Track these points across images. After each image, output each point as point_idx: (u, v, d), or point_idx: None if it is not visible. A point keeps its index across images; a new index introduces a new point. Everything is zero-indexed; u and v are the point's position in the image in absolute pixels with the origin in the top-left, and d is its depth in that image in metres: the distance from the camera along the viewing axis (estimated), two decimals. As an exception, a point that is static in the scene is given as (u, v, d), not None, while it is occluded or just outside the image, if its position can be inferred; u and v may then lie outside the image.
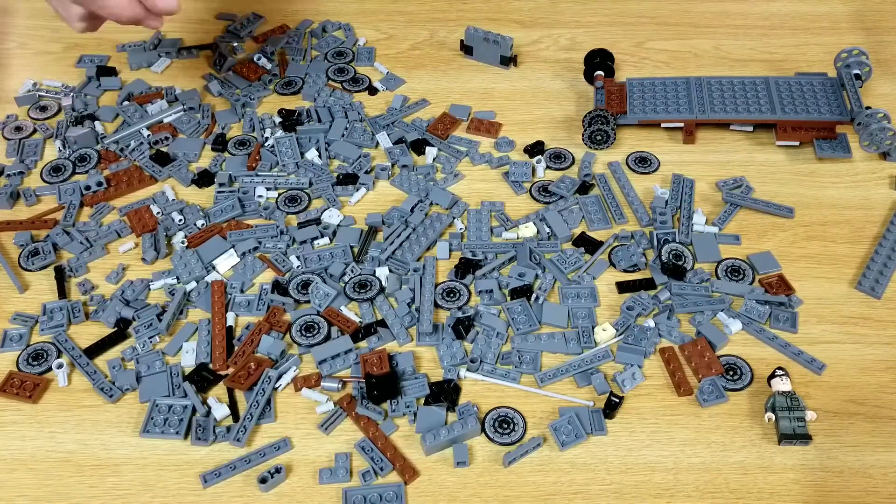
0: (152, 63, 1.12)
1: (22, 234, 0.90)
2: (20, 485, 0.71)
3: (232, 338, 0.80)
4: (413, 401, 0.75)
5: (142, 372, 0.77)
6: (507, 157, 0.98)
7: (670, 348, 0.79)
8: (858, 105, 0.95)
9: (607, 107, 1.00)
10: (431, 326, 0.79)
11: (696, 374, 0.76)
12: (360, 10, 1.21)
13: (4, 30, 1.19)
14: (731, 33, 1.16)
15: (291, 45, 1.14)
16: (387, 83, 1.09)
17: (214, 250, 0.87)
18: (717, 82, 1.02)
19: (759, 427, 0.73)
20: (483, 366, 0.77)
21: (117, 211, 0.93)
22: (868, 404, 0.75)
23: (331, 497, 0.70)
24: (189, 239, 0.89)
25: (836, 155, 0.96)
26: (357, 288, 0.83)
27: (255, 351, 0.79)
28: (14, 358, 0.80)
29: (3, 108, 1.07)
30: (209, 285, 0.84)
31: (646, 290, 0.83)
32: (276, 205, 0.92)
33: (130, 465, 0.72)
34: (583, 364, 0.77)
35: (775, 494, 0.69)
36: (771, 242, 0.88)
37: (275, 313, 0.82)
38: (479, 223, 0.90)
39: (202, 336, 0.80)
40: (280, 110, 1.02)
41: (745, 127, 1.00)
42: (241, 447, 0.72)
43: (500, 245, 0.87)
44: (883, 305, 0.82)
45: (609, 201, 0.92)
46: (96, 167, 0.98)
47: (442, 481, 0.70)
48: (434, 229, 0.89)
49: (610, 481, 0.70)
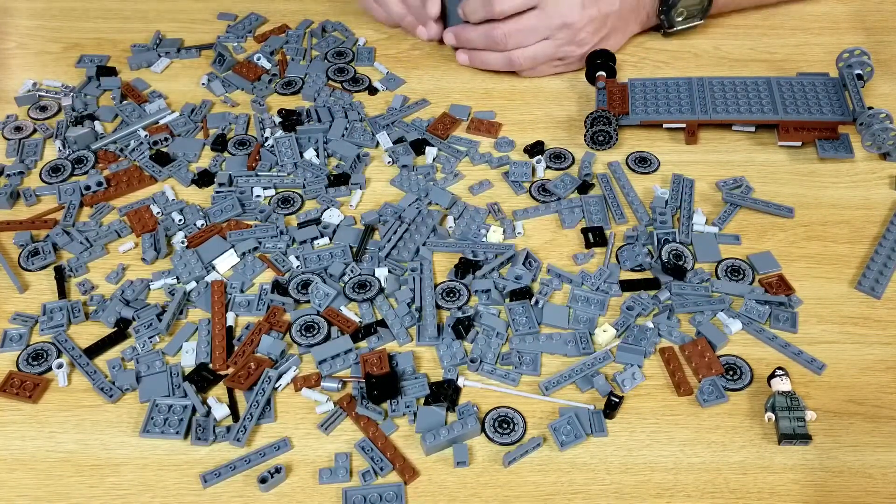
0: (152, 63, 1.12)
1: (22, 234, 0.90)
2: (20, 485, 0.71)
3: (232, 337, 0.80)
4: (413, 401, 0.75)
5: (141, 372, 0.77)
6: (506, 157, 0.98)
7: (670, 348, 0.79)
8: (860, 105, 0.95)
9: (609, 107, 1.00)
10: (436, 330, 0.79)
11: (696, 374, 0.76)
12: (360, 9, 1.21)
13: (4, 30, 1.19)
14: (731, 33, 1.16)
15: (291, 46, 1.14)
16: (387, 83, 1.09)
17: (214, 250, 0.87)
18: (720, 83, 1.02)
19: (759, 427, 0.73)
20: (483, 366, 0.77)
21: (117, 211, 0.93)
22: (868, 404, 0.75)
23: (331, 497, 0.70)
24: (189, 239, 0.89)
25: (839, 155, 0.96)
26: (356, 288, 0.83)
27: (254, 351, 0.79)
28: (14, 358, 0.80)
29: (2, 108, 1.07)
30: (209, 285, 0.84)
31: (649, 290, 0.83)
32: (270, 206, 0.92)
33: (130, 465, 0.72)
34: (584, 368, 0.77)
35: (775, 494, 0.69)
36: (771, 242, 0.88)
37: (275, 313, 0.82)
38: (472, 222, 0.90)
39: (202, 336, 0.80)
40: (280, 110, 1.02)
41: (747, 127, 1.00)
42: (240, 447, 0.72)
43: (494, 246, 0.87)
44: (883, 305, 0.82)
45: (611, 201, 0.92)
46: (94, 167, 0.97)
47: (442, 481, 0.70)
48: (427, 225, 0.89)
49: (610, 481, 0.70)
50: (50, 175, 0.96)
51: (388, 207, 0.91)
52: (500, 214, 0.91)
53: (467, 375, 0.77)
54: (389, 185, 0.95)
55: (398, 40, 1.16)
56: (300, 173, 0.96)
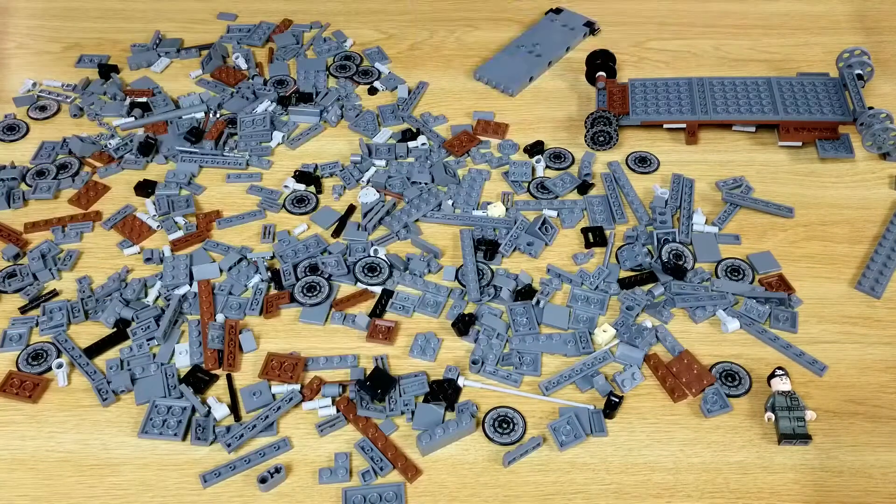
0: (152, 63, 1.12)
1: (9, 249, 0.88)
2: (20, 485, 0.71)
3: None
4: (412, 399, 0.75)
5: (136, 374, 0.77)
6: (506, 157, 0.98)
7: (655, 355, 0.78)
8: (861, 105, 0.95)
9: (609, 108, 1.00)
10: (479, 293, 0.82)
11: (689, 389, 0.76)
12: (360, 9, 1.21)
13: (4, 30, 1.19)
14: (731, 33, 1.16)
15: (289, 47, 1.14)
16: (386, 83, 1.09)
17: (200, 259, 0.87)
18: (720, 83, 1.02)
19: (758, 427, 0.73)
20: (485, 367, 0.77)
21: (101, 225, 0.91)
22: (868, 404, 0.75)
23: (331, 497, 0.70)
24: (173, 243, 0.89)
25: (839, 155, 0.96)
26: (367, 271, 0.85)
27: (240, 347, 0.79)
28: (14, 358, 0.80)
29: (2, 108, 1.07)
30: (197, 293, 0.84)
31: (645, 285, 0.84)
32: (283, 204, 0.93)
33: (130, 465, 0.72)
34: (584, 368, 0.77)
35: (775, 494, 0.69)
36: (771, 242, 0.88)
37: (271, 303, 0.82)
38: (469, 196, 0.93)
39: (193, 337, 0.80)
40: (296, 172, 0.97)
41: (747, 128, 1.00)
42: (228, 453, 0.72)
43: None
44: (883, 305, 0.82)
45: (612, 201, 0.92)
46: (77, 173, 0.97)
47: (442, 481, 0.70)
48: (428, 203, 0.90)
49: (610, 481, 0.70)
50: (34, 178, 0.96)
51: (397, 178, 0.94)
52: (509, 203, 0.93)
53: (467, 375, 0.77)
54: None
55: (398, 40, 1.16)
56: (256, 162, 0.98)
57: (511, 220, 0.89)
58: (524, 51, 1.11)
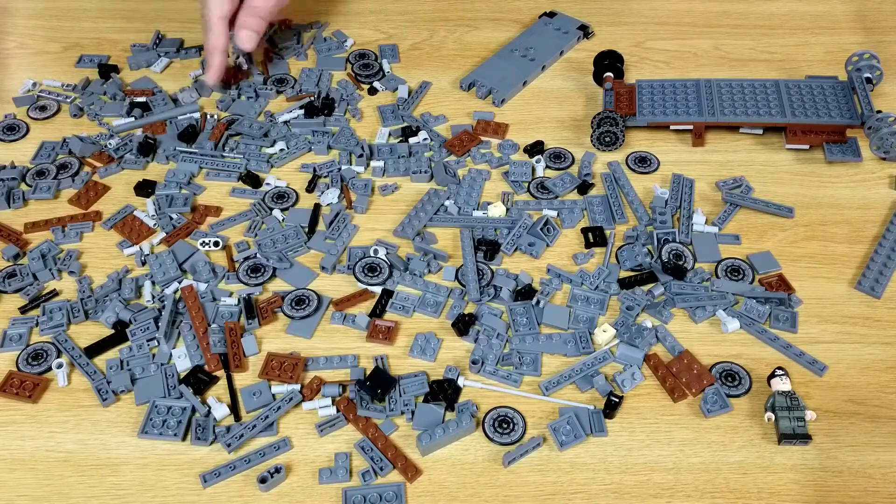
0: (152, 63, 1.12)
1: (10, 249, 0.88)
2: (20, 485, 0.71)
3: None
4: (412, 399, 0.75)
5: (136, 374, 0.77)
6: (507, 157, 0.98)
7: (654, 355, 0.78)
8: (869, 109, 0.94)
9: (616, 108, 1.00)
10: (479, 293, 0.82)
11: (689, 389, 0.76)
12: (360, 9, 1.21)
13: (4, 30, 1.19)
14: (731, 33, 1.16)
15: (291, 47, 1.14)
16: (386, 83, 1.09)
17: (184, 253, 0.87)
18: (727, 85, 1.01)
19: (758, 427, 0.73)
20: (485, 367, 0.77)
21: (101, 225, 0.91)
22: (868, 404, 0.75)
23: (331, 497, 0.70)
24: (165, 239, 0.89)
25: (847, 159, 0.95)
26: (367, 271, 0.84)
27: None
28: (14, 358, 0.80)
29: (2, 108, 1.07)
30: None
31: (645, 284, 0.84)
32: (264, 200, 0.93)
33: (130, 465, 0.72)
34: (584, 368, 0.77)
35: (775, 494, 0.69)
36: (771, 242, 0.88)
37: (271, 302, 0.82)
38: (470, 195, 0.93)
39: (189, 341, 0.80)
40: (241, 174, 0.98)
41: (754, 130, 1.00)
42: (228, 453, 0.72)
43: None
44: (883, 305, 0.82)
45: (612, 201, 0.92)
46: (77, 173, 0.97)
47: (442, 481, 0.70)
48: (433, 203, 0.90)
49: (610, 481, 0.70)
50: (34, 179, 0.95)
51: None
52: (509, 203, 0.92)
53: (467, 375, 0.77)
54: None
55: (397, 40, 1.16)
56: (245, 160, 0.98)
57: (511, 220, 0.89)
58: (517, 55, 1.11)
